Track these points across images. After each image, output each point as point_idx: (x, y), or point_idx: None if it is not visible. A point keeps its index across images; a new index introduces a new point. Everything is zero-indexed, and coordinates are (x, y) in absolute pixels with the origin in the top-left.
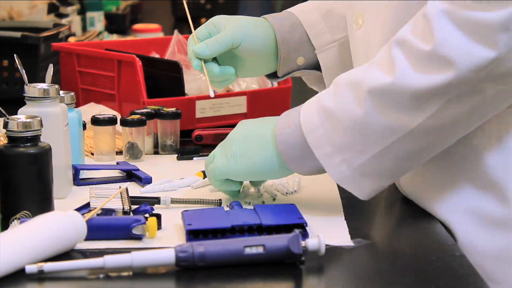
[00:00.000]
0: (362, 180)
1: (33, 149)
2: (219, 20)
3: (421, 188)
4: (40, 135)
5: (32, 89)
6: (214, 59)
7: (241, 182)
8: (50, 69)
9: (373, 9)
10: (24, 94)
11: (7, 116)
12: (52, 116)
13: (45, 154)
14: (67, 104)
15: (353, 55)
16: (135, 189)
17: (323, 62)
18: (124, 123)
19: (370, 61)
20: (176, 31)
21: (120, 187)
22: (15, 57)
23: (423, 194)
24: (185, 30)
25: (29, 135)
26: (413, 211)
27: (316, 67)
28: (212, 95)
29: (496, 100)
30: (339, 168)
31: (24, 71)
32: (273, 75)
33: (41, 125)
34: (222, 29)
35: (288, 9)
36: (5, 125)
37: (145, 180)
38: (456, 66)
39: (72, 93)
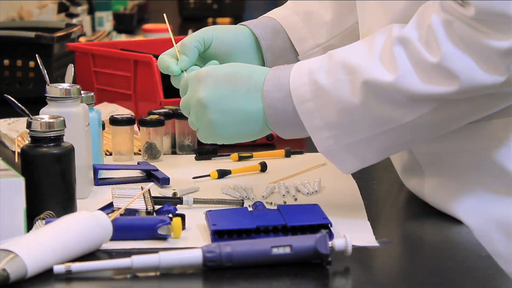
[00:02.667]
0: (347, 157)
1: (56, 149)
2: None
3: (445, 199)
4: (63, 135)
5: (54, 89)
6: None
7: None
8: (71, 69)
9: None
10: (46, 94)
11: (30, 116)
12: (74, 116)
13: (68, 154)
14: (87, 104)
15: None
16: (154, 189)
17: None
18: (143, 123)
19: (369, 47)
20: (190, 31)
21: (142, 187)
22: (37, 58)
23: (447, 205)
24: (192, 31)
25: (52, 135)
26: (435, 211)
27: None
28: None
29: (492, 107)
30: (326, 142)
31: (45, 71)
32: None
33: (64, 125)
34: None
35: (266, 14)
36: (29, 125)
37: (162, 181)
38: (459, 81)
39: (92, 93)
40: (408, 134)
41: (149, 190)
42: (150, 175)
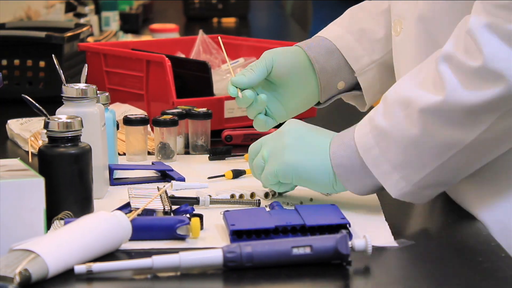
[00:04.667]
0: (421, 192)
1: (73, 149)
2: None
3: (467, 195)
4: (81, 135)
5: (70, 89)
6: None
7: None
8: (85, 69)
9: (410, 16)
10: (62, 94)
11: (48, 116)
12: (90, 116)
13: (86, 154)
14: (102, 104)
15: (394, 61)
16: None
17: (364, 84)
18: (157, 123)
19: (416, 76)
20: (201, 31)
21: (158, 187)
22: (53, 58)
23: (469, 201)
24: (196, 30)
25: (69, 135)
26: (452, 211)
27: (355, 87)
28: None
29: None
30: (398, 185)
31: (61, 71)
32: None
33: (82, 125)
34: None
35: (320, 34)
36: (46, 125)
37: (178, 181)
38: (506, 80)
39: (107, 93)
40: (476, 153)
41: (165, 190)
42: (165, 175)
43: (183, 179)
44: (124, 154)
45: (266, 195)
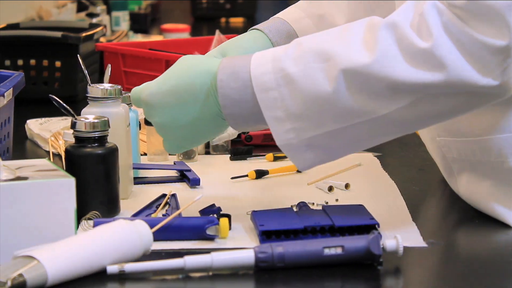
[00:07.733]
0: (306, 151)
1: (100, 149)
2: None
3: (480, 198)
4: (107, 135)
5: (95, 89)
6: None
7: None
8: (108, 69)
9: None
10: (87, 95)
11: (75, 116)
12: (115, 116)
13: (112, 155)
14: (126, 104)
15: None
16: (184, 190)
17: None
18: None
19: (341, 34)
20: (217, 31)
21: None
22: (78, 58)
23: (492, 202)
24: (204, 31)
25: (96, 135)
26: (476, 212)
27: None
28: None
29: (470, 108)
30: (286, 135)
31: (86, 71)
32: None
33: (108, 126)
34: None
35: (280, 15)
36: (73, 125)
37: (192, 182)
38: (447, 71)
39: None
40: (377, 129)
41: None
42: (183, 176)
43: (198, 180)
44: (145, 154)
45: (330, 189)
